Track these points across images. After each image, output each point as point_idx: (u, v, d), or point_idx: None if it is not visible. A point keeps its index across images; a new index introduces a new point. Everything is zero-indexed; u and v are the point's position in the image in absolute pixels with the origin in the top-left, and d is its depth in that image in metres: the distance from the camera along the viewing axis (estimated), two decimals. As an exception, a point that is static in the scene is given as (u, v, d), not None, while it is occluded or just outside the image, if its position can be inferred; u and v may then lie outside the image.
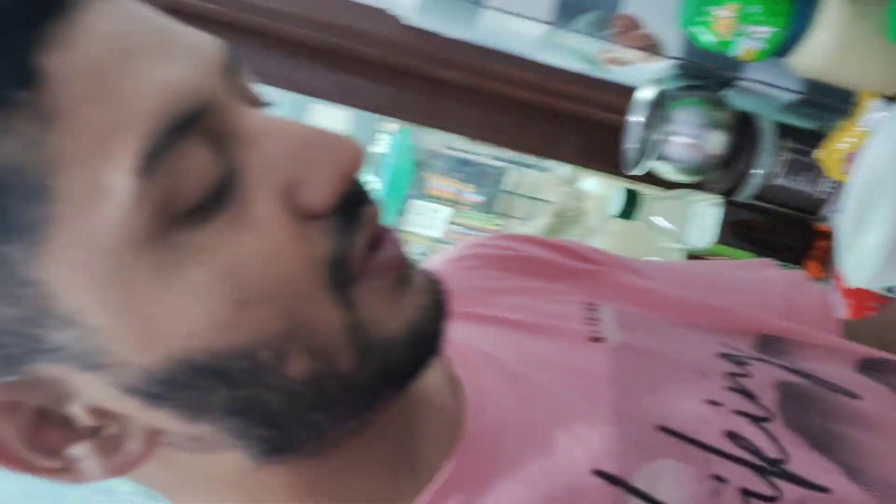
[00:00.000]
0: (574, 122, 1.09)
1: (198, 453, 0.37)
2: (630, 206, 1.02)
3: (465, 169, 3.40)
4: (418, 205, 3.39)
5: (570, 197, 2.39)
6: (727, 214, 1.01)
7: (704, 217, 1.02)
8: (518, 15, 0.96)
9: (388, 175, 3.03)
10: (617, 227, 1.51)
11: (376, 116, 2.06)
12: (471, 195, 3.54)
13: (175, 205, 0.31)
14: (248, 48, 1.05)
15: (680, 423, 0.43)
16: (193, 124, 0.31)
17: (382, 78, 1.08)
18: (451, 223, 3.50)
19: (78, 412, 0.33)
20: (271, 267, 0.33)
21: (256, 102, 0.36)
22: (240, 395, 0.34)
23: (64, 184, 0.29)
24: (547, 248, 0.58)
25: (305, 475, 0.39)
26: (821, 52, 0.89)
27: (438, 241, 3.42)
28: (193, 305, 0.32)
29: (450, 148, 3.29)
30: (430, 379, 0.43)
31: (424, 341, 0.38)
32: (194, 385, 0.33)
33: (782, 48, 0.92)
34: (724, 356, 0.49)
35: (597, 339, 0.48)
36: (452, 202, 3.55)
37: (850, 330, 0.60)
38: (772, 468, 0.41)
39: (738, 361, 0.48)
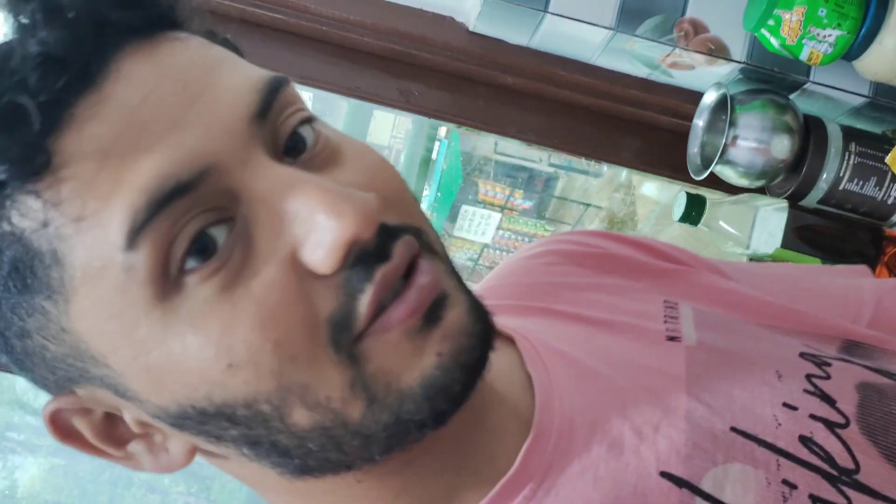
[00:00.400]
0: (636, 126, 1.09)
1: (238, 464, 0.39)
2: (693, 211, 1.01)
3: (515, 175, 3.41)
4: (468, 210, 3.41)
5: (622, 202, 2.38)
6: (793, 219, 1.00)
7: (769, 222, 1.01)
8: (581, 20, 0.97)
9: (438, 180, 3.05)
10: (675, 232, 1.50)
11: (432, 122, 2.07)
12: (520, 201, 3.55)
13: (171, 269, 0.33)
14: (312, 56, 1.08)
15: (753, 426, 0.42)
16: (186, 192, 0.33)
17: (444, 84, 1.09)
18: (501, 229, 3.52)
19: (129, 421, 0.38)
20: (262, 332, 0.33)
21: (285, 147, 0.37)
22: (250, 433, 0.36)
23: (72, 256, 0.33)
24: (628, 245, 0.57)
25: (352, 482, 0.40)
26: (889, 55, 0.88)
27: (488, 246, 3.44)
28: (189, 364, 0.34)
29: (500, 154, 3.30)
30: (501, 376, 0.43)
31: (443, 391, 0.36)
32: (205, 422, 0.36)
33: (850, 51, 0.91)
34: (806, 357, 0.48)
35: (674, 339, 0.48)
36: (502, 208, 3.56)
37: None
38: (843, 477, 0.41)
39: (820, 362, 0.48)
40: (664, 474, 0.40)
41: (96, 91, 0.33)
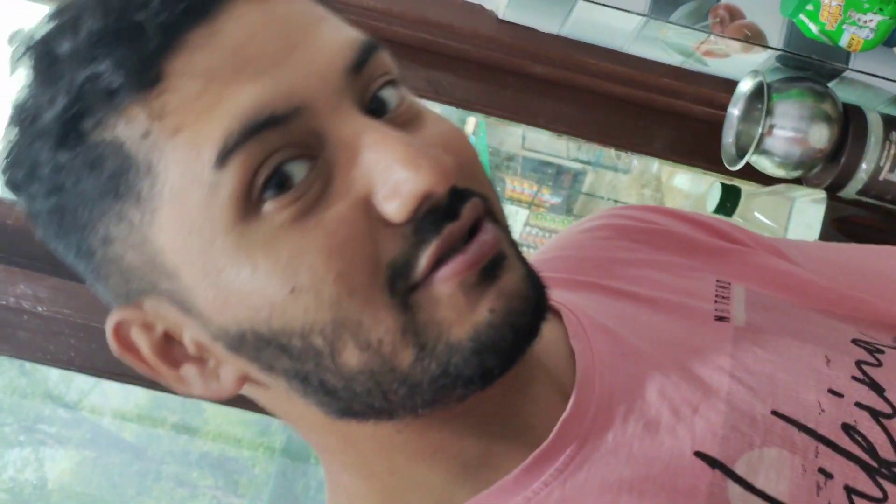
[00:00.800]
0: (669, 116, 1.07)
1: (286, 398, 0.40)
2: (728, 202, 0.99)
3: (542, 170, 3.39)
4: (495, 206, 3.39)
5: (652, 199, 2.35)
6: (831, 211, 0.97)
7: (807, 213, 0.99)
8: (613, 7, 0.95)
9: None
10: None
11: (460, 115, 2.06)
12: (548, 197, 3.52)
13: (253, 194, 0.35)
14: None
15: (795, 410, 0.42)
16: (276, 125, 0.35)
17: (473, 73, 1.08)
18: (528, 225, 3.50)
19: (187, 341, 0.40)
20: (325, 263, 0.35)
21: (376, 103, 0.38)
22: (300, 367, 0.37)
23: (164, 168, 0.36)
24: (686, 222, 0.56)
25: (388, 434, 0.41)
26: (935, 40, 0.86)
27: (515, 242, 3.43)
28: (255, 285, 0.36)
29: (527, 150, 3.28)
30: (545, 348, 0.43)
31: (493, 348, 0.37)
32: (261, 349, 0.37)
33: (892, 37, 0.88)
34: (858, 343, 0.47)
35: (722, 318, 0.48)
36: (529, 204, 3.54)
37: None
38: (882, 469, 0.40)
39: (872, 349, 0.47)
40: (698, 454, 0.40)
41: (210, 23, 0.36)
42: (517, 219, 3.51)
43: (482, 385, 0.38)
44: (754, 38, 0.97)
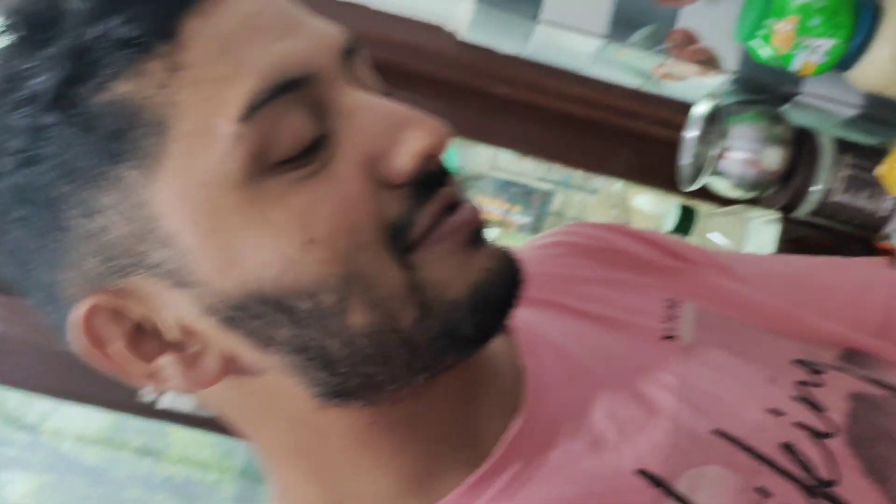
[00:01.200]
0: (628, 137, 1.09)
1: (267, 386, 0.40)
2: (685, 223, 1.01)
3: (512, 190, 3.40)
4: (464, 226, 3.39)
5: (619, 219, 2.36)
6: (785, 231, 0.99)
7: (762, 234, 1.00)
8: (573, 29, 0.96)
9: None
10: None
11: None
12: (518, 217, 3.54)
13: (268, 154, 0.36)
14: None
15: (737, 429, 0.42)
16: (295, 88, 0.36)
17: (436, 94, 1.08)
18: (498, 245, 3.49)
19: (168, 325, 0.38)
20: (339, 215, 0.36)
21: (370, 87, 0.40)
22: (303, 334, 0.37)
23: (179, 123, 0.35)
24: (639, 240, 0.57)
25: (363, 426, 0.41)
26: (882, 66, 0.87)
27: (484, 262, 3.42)
28: (268, 240, 0.36)
29: (497, 169, 3.30)
30: (497, 362, 0.44)
31: (489, 304, 0.39)
32: (263, 316, 0.37)
33: (843, 62, 0.90)
34: (800, 363, 0.48)
35: (670, 338, 0.48)
36: (499, 224, 3.55)
37: None
38: (820, 489, 0.41)
39: (814, 370, 0.47)
40: (641, 472, 0.40)
41: None
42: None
43: (478, 343, 0.40)
44: (710, 62, 0.98)
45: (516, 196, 3.59)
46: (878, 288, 0.60)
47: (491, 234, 0.41)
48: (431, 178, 0.38)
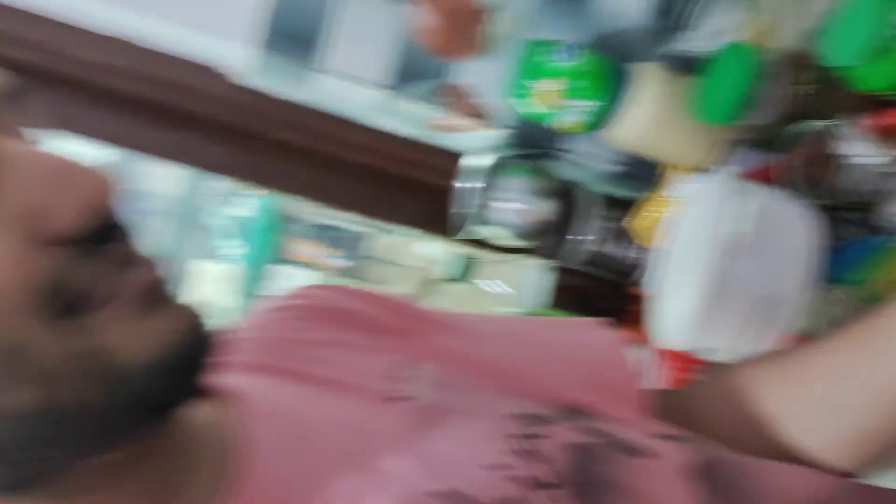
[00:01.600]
0: (408, 186, 1.10)
1: None
2: (466, 269, 1.03)
3: (328, 234, 3.38)
4: (281, 270, 3.33)
5: (420, 262, 2.41)
6: (559, 278, 1.04)
7: (537, 281, 1.04)
8: (351, 79, 0.97)
9: (254, 239, 2.97)
10: (462, 291, 1.54)
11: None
12: (337, 260, 3.51)
13: None
14: (71, 102, 1.01)
15: (460, 485, 0.42)
16: None
17: (215, 137, 1.05)
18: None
19: None
20: None
21: (21, 136, 0.37)
22: None
23: None
24: (372, 302, 0.57)
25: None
26: (636, 126, 0.94)
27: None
28: None
29: (314, 213, 3.27)
30: (205, 430, 0.42)
31: (175, 368, 0.37)
32: None
33: (603, 121, 0.96)
34: (525, 417, 0.49)
35: (393, 399, 0.48)
36: (317, 267, 3.51)
37: (667, 402, 0.60)
38: None
39: (534, 423, 0.48)
40: None
41: None
42: (304, 283, 3.45)
43: (166, 410, 0.37)
44: (483, 116, 1.02)
45: (336, 240, 3.58)
46: (589, 345, 0.63)
47: (300, 279, 0.38)
48: (98, 235, 0.35)
